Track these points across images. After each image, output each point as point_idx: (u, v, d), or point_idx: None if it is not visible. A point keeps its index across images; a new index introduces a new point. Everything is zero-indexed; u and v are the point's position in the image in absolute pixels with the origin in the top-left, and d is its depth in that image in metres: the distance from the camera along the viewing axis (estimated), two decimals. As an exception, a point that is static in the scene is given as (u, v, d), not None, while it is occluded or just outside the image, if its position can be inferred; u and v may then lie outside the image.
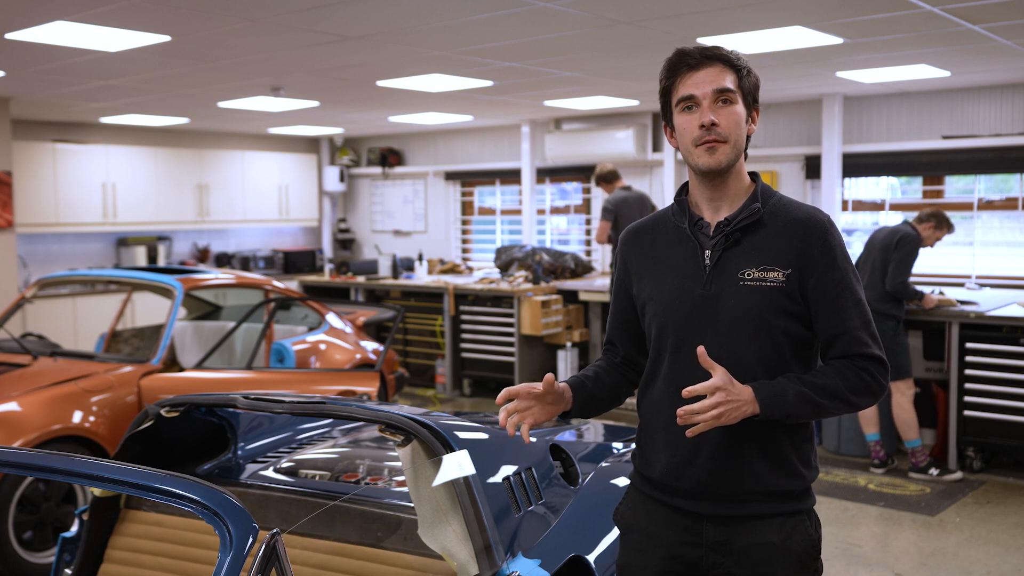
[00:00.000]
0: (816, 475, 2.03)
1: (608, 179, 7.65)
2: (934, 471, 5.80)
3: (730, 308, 1.95)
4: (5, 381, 4.61)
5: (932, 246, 5.96)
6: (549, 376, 1.97)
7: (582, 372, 2.16)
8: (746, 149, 2.03)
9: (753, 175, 2.06)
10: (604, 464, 3.06)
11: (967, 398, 5.85)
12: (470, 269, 9.97)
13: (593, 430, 3.77)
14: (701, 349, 1.88)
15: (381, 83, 7.05)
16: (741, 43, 5.53)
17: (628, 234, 2.17)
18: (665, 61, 2.01)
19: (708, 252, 1.99)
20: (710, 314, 1.97)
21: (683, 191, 2.08)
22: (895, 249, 5.76)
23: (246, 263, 11.09)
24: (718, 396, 1.83)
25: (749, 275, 1.95)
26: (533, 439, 2.91)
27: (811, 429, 2.03)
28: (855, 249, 8.06)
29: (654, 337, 2.07)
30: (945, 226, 5.88)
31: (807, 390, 1.90)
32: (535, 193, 10.22)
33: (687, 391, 1.85)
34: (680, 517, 2.02)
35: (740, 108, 1.97)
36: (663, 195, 9.15)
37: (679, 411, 1.85)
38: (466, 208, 11.23)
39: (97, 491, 2.70)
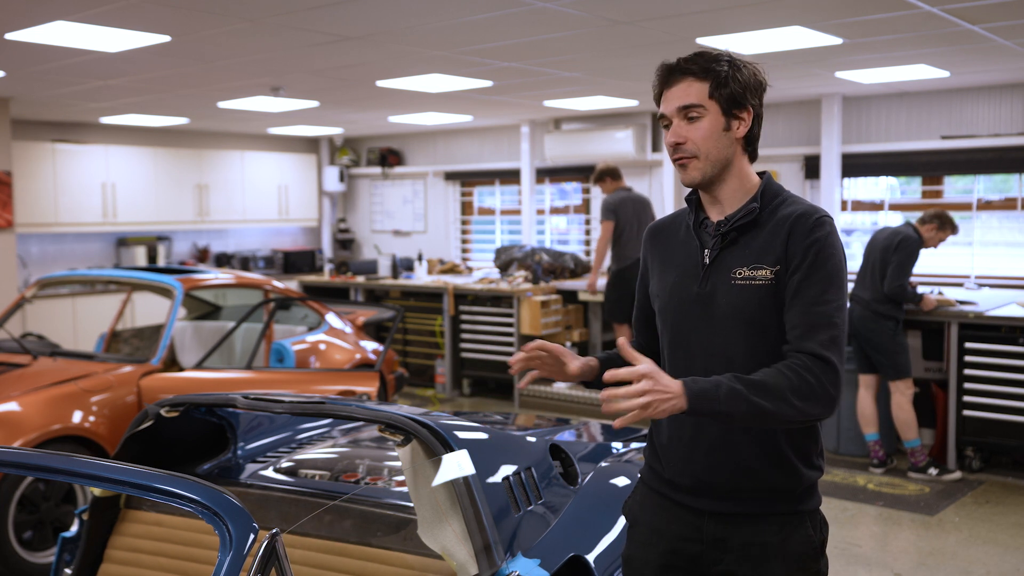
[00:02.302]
0: (819, 475, 2.01)
1: (613, 176, 7.55)
2: (933, 471, 5.81)
3: (722, 307, 1.96)
4: (5, 381, 4.62)
5: (936, 247, 5.95)
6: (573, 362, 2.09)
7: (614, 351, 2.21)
8: (753, 149, 2.02)
9: (762, 174, 2.05)
10: (604, 464, 3.06)
11: (966, 398, 5.85)
12: (470, 269, 9.97)
13: (593, 430, 3.77)
14: (621, 340, 1.87)
15: (381, 83, 7.05)
16: (741, 43, 5.53)
17: (649, 231, 2.20)
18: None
19: (707, 251, 2.01)
20: (704, 313, 1.98)
21: (696, 191, 2.09)
22: (895, 251, 5.76)
23: (246, 263, 11.09)
24: (644, 383, 1.74)
25: (740, 274, 1.95)
26: (532, 439, 2.92)
27: (815, 426, 2.00)
28: (854, 250, 8.07)
29: (660, 333, 2.11)
30: (948, 227, 5.86)
31: (742, 388, 1.79)
32: (535, 193, 10.23)
33: (608, 375, 1.77)
34: (682, 512, 2.04)
35: (706, 122, 1.94)
36: (662, 195, 9.16)
37: (601, 395, 1.77)
38: (466, 208, 11.23)
39: (97, 491, 2.70)
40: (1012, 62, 6.31)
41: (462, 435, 2.47)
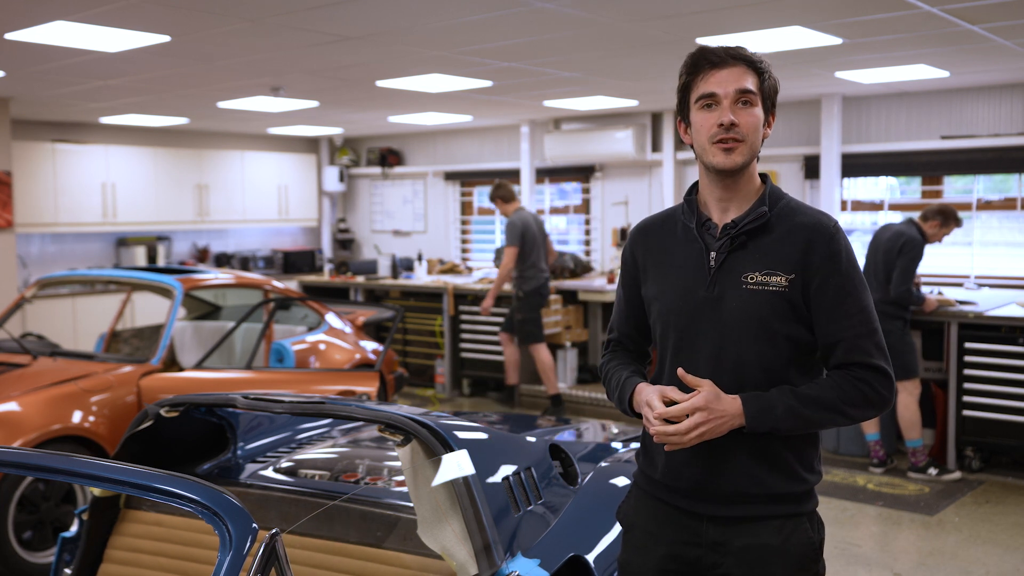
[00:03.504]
0: (819, 479, 2.02)
1: (507, 199, 7.51)
2: (933, 471, 5.81)
3: (732, 311, 1.95)
4: (5, 381, 4.62)
5: (940, 241, 5.94)
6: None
7: (632, 371, 2.11)
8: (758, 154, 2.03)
9: (763, 177, 2.05)
10: (603, 464, 3.06)
11: (966, 398, 5.85)
12: (469, 269, 9.97)
13: (592, 430, 3.77)
14: (681, 370, 1.90)
15: (381, 83, 7.05)
16: (741, 43, 5.51)
17: (637, 232, 2.17)
18: (687, 57, 2.01)
19: (713, 254, 1.99)
20: (712, 316, 1.97)
21: (693, 190, 2.08)
22: (899, 254, 5.74)
23: (246, 263, 11.09)
24: (697, 417, 1.85)
25: (752, 279, 1.94)
26: (532, 439, 2.92)
27: (815, 433, 2.01)
28: (856, 249, 8.07)
29: (659, 336, 2.08)
30: (952, 221, 5.85)
31: (797, 404, 1.89)
32: (534, 193, 10.22)
33: (661, 413, 1.88)
34: (680, 516, 2.03)
35: (759, 111, 1.96)
36: (662, 195, 9.16)
37: (653, 432, 1.88)
38: (465, 208, 11.23)
39: (97, 491, 2.70)
40: (1012, 62, 6.31)
41: (462, 435, 2.47)
